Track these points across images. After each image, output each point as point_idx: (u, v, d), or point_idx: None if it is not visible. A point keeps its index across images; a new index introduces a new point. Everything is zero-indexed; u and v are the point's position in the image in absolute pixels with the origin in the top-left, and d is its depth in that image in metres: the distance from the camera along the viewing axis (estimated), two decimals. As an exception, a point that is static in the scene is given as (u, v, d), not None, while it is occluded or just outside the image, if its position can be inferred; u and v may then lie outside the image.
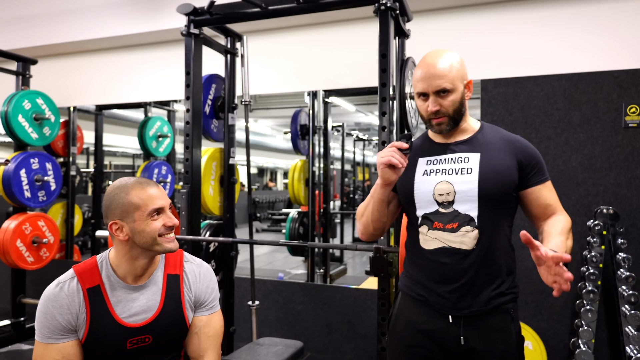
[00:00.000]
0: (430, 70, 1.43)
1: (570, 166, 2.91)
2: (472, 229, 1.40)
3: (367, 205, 1.53)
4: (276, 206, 14.82)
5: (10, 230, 3.39)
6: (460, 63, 1.47)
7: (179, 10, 2.52)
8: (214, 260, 2.81)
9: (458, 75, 1.44)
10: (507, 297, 1.44)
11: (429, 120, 1.47)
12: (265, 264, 7.18)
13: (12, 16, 4.34)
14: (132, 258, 1.45)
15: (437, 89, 1.42)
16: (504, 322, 1.43)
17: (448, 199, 1.42)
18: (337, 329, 3.41)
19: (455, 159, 1.46)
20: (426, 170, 1.49)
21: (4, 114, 3.37)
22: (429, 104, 1.43)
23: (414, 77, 1.48)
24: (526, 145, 1.49)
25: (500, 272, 1.43)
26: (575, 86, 2.91)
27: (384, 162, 1.38)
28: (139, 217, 1.41)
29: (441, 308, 1.43)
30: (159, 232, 1.42)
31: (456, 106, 1.44)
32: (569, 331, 2.89)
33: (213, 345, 1.56)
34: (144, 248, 1.43)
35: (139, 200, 1.41)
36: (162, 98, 4.21)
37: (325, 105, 4.50)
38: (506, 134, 1.52)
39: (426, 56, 1.49)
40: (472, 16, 3.23)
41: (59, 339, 1.37)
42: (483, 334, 1.40)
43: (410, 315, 1.50)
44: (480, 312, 1.41)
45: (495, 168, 1.42)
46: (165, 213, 1.44)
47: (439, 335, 1.43)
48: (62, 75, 4.48)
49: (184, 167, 2.54)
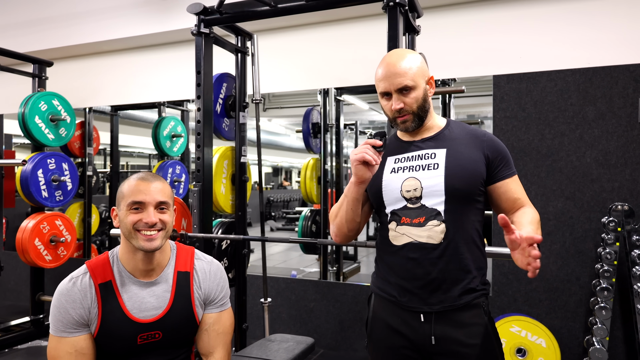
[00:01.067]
0: (391, 69, 1.43)
1: (584, 162, 2.87)
2: (439, 222, 1.39)
3: (341, 205, 1.51)
4: (291, 205, 14.84)
5: (28, 229, 3.46)
6: (420, 60, 1.47)
7: (189, 10, 2.54)
8: (226, 258, 2.83)
9: (419, 72, 1.44)
10: (478, 294, 1.42)
11: (394, 119, 1.47)
12: (280, 262, 7.20)
13: (28, 19, 4.42)
14: (131, 251, 1.48)
15: (399, 86, 1.42)
16: (477, 316, 1.40)
17: (415, 195, 1.42)
18: (350, 326, 3.42)
19: (422, 155, 1.46)
20: (394, 168, 1.49)
21: (21, 116, 3.43)
22: (392, 103, 1.44)
23: (376, 77, 1.48)
24: (493, 140, 1.48)
25: (469, 267, 1.41)
26: (589, 81, 2.87)
27: (357, 159, 1.37)
28: (123, 206, 1.44)
29: (413, 306, 1.42)
30: (135, 226, 1.43)
31: (419, 103, 1.44)
32: (583, 329, 2.86)
33: (223, 342, 1.58)
34: (127, 239, 1.46)
35: (127, 190, 1.45)
36: (175, 98, 4.25)
37: (337, 104, 4.49)
38: (472, 129, 1.51)
39: (386, 56, 1.49)
40: (483, 11, 3.20)
41: (72, 333, 1.40)
42: (456, 330, 1.39)
43: (385, 317, 1.49)
44: (451, 307, 1.39)
45: (461, 162, 1.42)
46: (147, 210, 1.44)
47: (413, 335, 1.42)
48: (78, 76, 4.55)
49: (195, 166, 2.57)
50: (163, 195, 1.47)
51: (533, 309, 2.98)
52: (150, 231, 1.43)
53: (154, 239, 1.44)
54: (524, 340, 2.78)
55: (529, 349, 2.77)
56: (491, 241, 3.13)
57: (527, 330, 2.78)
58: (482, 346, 1.39)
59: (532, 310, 2.97)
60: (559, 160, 2.93)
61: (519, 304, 3.01)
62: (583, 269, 2.88)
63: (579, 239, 2.89)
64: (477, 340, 1.39)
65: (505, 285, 3.05)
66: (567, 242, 2.91)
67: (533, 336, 2.77)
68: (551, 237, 2.94)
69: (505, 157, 1.46)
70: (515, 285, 3.02)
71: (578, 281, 2.88)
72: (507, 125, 3.04)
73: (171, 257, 1.56)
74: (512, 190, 1.45)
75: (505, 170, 1.46)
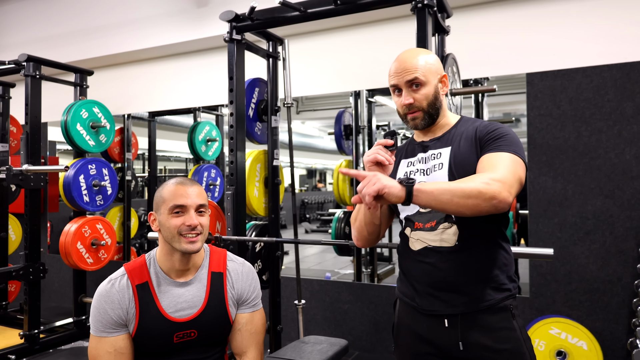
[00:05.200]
0: (402, 64, 1.41)
1: (624, 159, 2.79)
2: (450, 224, 1.35)
3: (359, 209, 1.50)
4: (325, 207, 14.84)
5: (71, 233, 3.59)
6: (434, 59, 1.45)
7: (222, 18, 2.60)
8: (260, 260, 2.87)
9: (431, 69, 1.41)
10: (504, 294, 1.36)
11: (405, 116, 1.45)
12: (314, 264, 7.24)
13: (69, 30, 4.60)
14: (169, 253, 1.53)
15: (409, 79, 1.40)
16: (505, 320, 1.34)
17: None
18: (384, 328, 3.41)
19: (430, 157, 1.43)
20: (406, 172, 1.47)
21: (64, 123, 3.58)
22: (402, 99, 1.42)
23: (389, 74, 1.46)
24: (485, 125, 1.39)
25: (490, 266, 1.36)
26: (627, 76, 2.79)
27: (370, 160, 1.36)
28: (164, 210, 1.50)
29: (435, 309, 1.38)
30: (179, 230, 1.48)
31: (430, 100, 1.41)
32: (627, 331, 2.77)
33: (255, 342, 1.61)
34: (168, 242, 1.51)
35: (167, 194, 1.50)
36: (209, 103, 4.35)
37: (368, 105, 4.49)
38: (478, 122, 1.44)
39: (400, 54, 1.47)
40: (514, 9, 3.15)
41: (111, 333, 1.46)
42: (484, 335, 1.34)
43: (410, 323, 1.46)
44: (476, 310, 1.34)
45: (461, 160, 1.36)
46: (188, 213, 1.49)
47: (439, 341, 1.38)
48: (117, 84, 4.71)
49: (228, 170, 2.62)
50: (201, 198, 1.53)
51: (573, 310, 2.90)
52: (192, 233, 1.49)
53: (195, 241, 1.50)
54: (564, 342, 2.71)
55: (569, 352, 2.70)
56: (527, 241, 3.07)
57: (568, 332, 2.71)
58: (513, 352, 1.33)
59: (572, 312, 2.90)
60: (596, 157, 2.85)
61: (558, 306, 2.94)
62: (625, 269, 2.79)
63: (619, 238, 2.80)
64: (508, 345, 1.33)
65: (543, 286, 2.98)
66: (608, 242, 2.83)
67: (574, 338, 2.71)
68: (590, 237, 2.86)
69: (496, 135, 1.34)
70: (554, 287, 2.95)
71: (620, 282, 2.80)
72: (541, 123, 2.98)
73: (205, 259, 1.61)
74: (485, 163, 1.30)
75: (492, 145, 1.33)
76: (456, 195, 1.17)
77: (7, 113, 4.24)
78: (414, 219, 1.43)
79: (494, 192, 1.18)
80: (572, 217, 2.90)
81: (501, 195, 1.19)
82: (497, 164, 1.27)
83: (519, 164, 1.29)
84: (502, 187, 1.19)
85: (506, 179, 1.22)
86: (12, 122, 4.43)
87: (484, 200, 1.18)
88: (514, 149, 1.31)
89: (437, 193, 1.17)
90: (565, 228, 2.91)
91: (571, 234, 2.90)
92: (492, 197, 1.18)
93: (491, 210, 1.20)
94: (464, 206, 1.18)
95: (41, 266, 3.64)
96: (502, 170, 1.24)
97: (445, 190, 1.18)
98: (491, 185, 1.18)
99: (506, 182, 1.21)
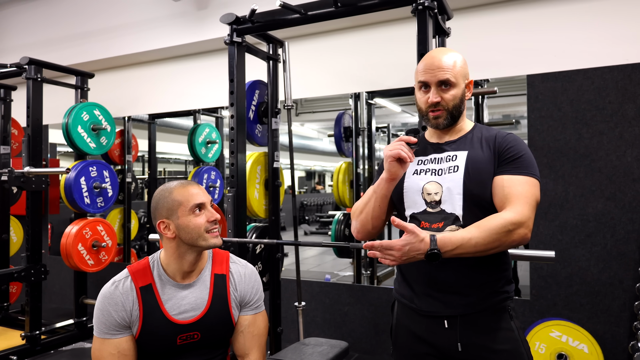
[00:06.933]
0: (435, 62, 1.42)
1: (625, 161, 2.79)
2: (457, 228, 1.35)
3: (368, 202, 1.49)
4: (324, 209, 14.83)
5: (72, 234, 3.59)
6: (463, 61, 1.46)
7: (222, 20, 2.60)
8: (260, 262, 2.87)
9: (462, 72, 1.43)
10: (503, 296, 1.39)
11: (427, 113, 1.45)
12: (314, 265, 7.23)
13: (70, 33, 4.60)
14: (180, 256, 1.53)
15: (440, 79, 1.41)
16: (503, 321, 1.37)
17: (435, 199, 1.39)
18: (384, 330, 3.41)
19: (445, 158, 1.44)
20: (416, 169, 1.47)
21: (65, 126, 3.58)
22: (429, 96, 1.42)
23: (417, 69, 1.47)
24: (505, 138, 1.42)
25: (491, 269, 1.39)
26: (628, 78, 2.79)
27: (392, 155, 1.36)
28: (182, 213, 1.49)
29: (434, 310, 1.39)
30: (205, 227, 1.50)
31: (456, 102, 1.42)
32: (628, 334, 2.77)
33: (258, 344, 1.61)
34: (190, 244, 1.51)
35: (181, 197, 1.50)
36: (209, 105, 4.35)
37: (368, 107, 4.49)
38: (494, 132, 1.46)
39: (431, 51, 1.49)
40: (515, 11, 3.15)
41: (115, 335, 1.46)
42: (483, 336, 1.36)
43: (409, 324, 1.47)
44: (474, 311, 1.36)
45: (478, 166, 1.38)
46: (207, 209, 1.53)
47: (438, 342, 1.39)
48: (117, 87, 4.71)
49: (229, 172, 2.62)
50: (208, 194, 1.56)
51: (574, 313, 2.90)
52: (214, 228, 1.53)
53: (218, 235, 1.55)
54: (565, 345, 2.71)
55: (570, 355, 2.70)
56: (528, 244, 3.06)
57: (568, 335, 2.71)
58: (511, 352, 1.35)
59: (573, 315, 2.89)
60: (597, 160, 2.85)
61: (558, 308, 2.94)
62: (626, 271, 2.78)
63: (620, 241, 2.80)
64: (506, 345, 1.35)
65: (544, 289, 2.98)
66: (609, 244, 2.82)
67: (574, 341, 2.70)
68: (591, 239, 2.86)
69: (517, 154, 1.37)
70: (555, 289, 2.95)
71: (621, 284, 2.79)
72: (542, 125, 2.98)
73: (208, 261, 1.62)
74: (507, 187, 1.33)
75: (510, 166, 1.36)
76: (479, 250, 1.27)
77: (8, 115, 4.25)
78: (420, 218, 1.43)
79: (516, 239, 1.28)
80: (573, 220, 2.90)
81: (524, 239, 1.29)
82: (517, 193, 1.32)
83: (536, 187, 1.35)
84: (523, 231, 1.28)
85: (526, 217, 1.29)
86: (14, 124, 4.44)
87: (507, 246, 1.29)
88: (532, 172, 1.36)
89: (461, 251, 1.25)
90: (566, 230, 2.91)
91: (572, 237, 2.90)
92: (516, 242, 1.29)
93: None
94: (489, 252, 1.29)
95: (42, 268, 3.64)
96: (521, 204, 1.30)
97: (470, 247, 1.25)
98: (513, 233, 1.27)
99: (526, 222, 1.29)
